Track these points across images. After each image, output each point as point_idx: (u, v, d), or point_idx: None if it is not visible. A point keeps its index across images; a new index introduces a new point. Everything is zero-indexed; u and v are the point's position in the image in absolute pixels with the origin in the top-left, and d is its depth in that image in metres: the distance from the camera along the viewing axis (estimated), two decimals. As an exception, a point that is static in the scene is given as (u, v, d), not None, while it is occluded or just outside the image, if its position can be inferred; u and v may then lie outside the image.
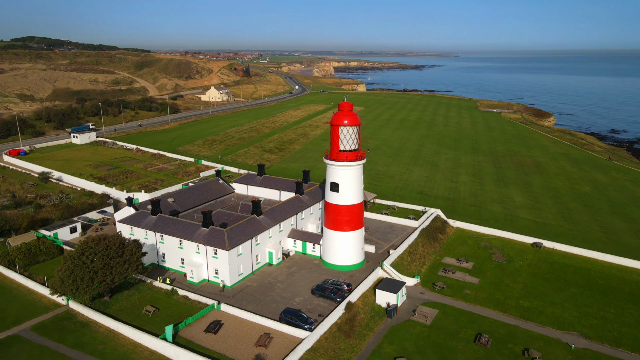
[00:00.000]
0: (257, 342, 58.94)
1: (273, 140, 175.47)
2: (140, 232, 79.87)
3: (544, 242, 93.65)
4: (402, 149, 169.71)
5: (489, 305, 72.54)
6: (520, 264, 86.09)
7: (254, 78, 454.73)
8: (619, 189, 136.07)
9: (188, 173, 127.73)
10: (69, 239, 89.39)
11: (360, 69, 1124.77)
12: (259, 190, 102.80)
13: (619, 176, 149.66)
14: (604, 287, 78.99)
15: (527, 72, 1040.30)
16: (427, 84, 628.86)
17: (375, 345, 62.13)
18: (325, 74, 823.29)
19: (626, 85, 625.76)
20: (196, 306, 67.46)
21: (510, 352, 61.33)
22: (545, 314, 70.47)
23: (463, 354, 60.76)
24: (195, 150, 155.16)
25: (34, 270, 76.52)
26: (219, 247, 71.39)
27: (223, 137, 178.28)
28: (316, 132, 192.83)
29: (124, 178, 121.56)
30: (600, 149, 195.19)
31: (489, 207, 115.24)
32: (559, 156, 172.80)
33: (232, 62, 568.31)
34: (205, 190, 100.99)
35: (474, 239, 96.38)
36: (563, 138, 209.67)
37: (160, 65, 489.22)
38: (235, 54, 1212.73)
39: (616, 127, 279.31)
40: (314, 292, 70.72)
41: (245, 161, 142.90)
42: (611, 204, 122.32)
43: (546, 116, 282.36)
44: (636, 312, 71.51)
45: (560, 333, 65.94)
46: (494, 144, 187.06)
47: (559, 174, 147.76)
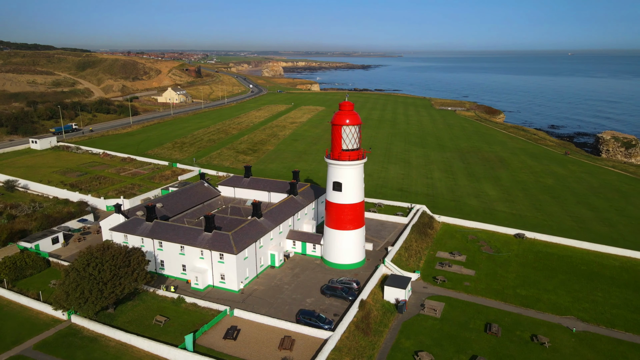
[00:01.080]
0: (281, 345, 58.30)
1: (243, 141, 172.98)
2: (135, 239, 76.60)
3: (525, 233, 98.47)
4: (373, 148, 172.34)
5: (490, 295, 75.45)
6: (508, 255, 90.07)
7: (206, 79, 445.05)
8: (577, 180, 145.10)
9: (165, 177, 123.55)
10: (51, 250, 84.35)
11: (309, 69, 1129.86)
12: (247, 192, 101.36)
13: (575, 169, 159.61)
14: (587, 272, 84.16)
15: (467, 71, 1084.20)
16: (376, 84, 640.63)
17: (393, 341, 63.09)
18: (275, 74, 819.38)
19: (555, 84, 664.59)
20: (207, 313, 65.70)
21: (519, 339, 64.14)
22: (542, 300, 74.20)
23: (477, 343, 62.93)
24: (167, 154, 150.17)
25: (22, 285, 71.53)
26: (225, 252, 69.81)
27: (192, 140, 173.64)
28: (285, 133, 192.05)
29: (97, 184, 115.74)
30: (553, 143, 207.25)
31: (467, 202, 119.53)
32: (518, 151, 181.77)
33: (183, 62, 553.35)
34: (191, 194, 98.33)
35: (461, 232, 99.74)
36: (517, 134, 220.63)
37: (105, 65, 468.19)
38: (180, 54, 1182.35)
39: (554, 123, 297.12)
40: (325, 292, 70.71)
41: (221, 163, 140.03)
42: (574, 194, 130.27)
43: (497, 113, 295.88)
44: (621, 294, 76.72)
45: (559, 318, 69.67)
46: (457, 141, 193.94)
47: (522, 168, 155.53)
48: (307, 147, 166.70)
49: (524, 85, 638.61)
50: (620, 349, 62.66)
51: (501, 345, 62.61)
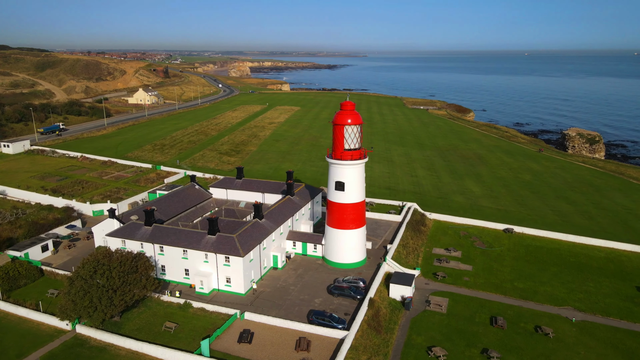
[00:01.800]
0: (297, 346, 58.05)
1: (225, 142, 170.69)
2: (134, 244, 74.46)
3: (514, 228, 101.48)
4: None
5: (489, 289, 77.41)
6: (500, 249, 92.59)
7: (175, 79, 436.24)
8: (552, 176, 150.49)
9: (150, 180, 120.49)
10: (41, 258, 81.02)
11: (275, 69, 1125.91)
12: (240, 194, 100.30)
13: (549, 164, 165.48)
14: (576, 264, 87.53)
15: (431, 71, 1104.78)
16: (344, 83, 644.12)
17: (405, 338, 63.87)
18: (242, 74, 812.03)
19: (514, 83, 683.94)
20: (216, 317, 64.66)
21: (524, 330, 66.11)
22: (539, 292, 76.71)
23: (486, 337, 64.47)
24: (148, 156, 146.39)
25: (17, 296, 68.37)
26: (231, 254, 68.89)
27: (171, 141, 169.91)
28: (265, 133, 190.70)
29: (80, 189, 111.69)
30: (525, 140, 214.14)
31: (453, 199, 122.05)
32: (493, 148, 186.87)
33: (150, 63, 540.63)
34: (183, 196, 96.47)
35: (453, 229, 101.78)
36: (490, 132, 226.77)
37: (66, 66, 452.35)
38: (142, 54, 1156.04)
39: (517, 120, 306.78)
40: (332, 291, 70.79)
41: (205, 165, 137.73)
42: (552, 189, 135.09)
43: (467, 112, 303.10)
44: (610, 284, 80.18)
45: (557, 309, 72.22)
46: (434, 139, 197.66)
47: (500, 165, 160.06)
48: (289, 148, 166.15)
49: (486, 85, 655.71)
50: (618, 336, 65.47)
51: (508, 338, 64.37)
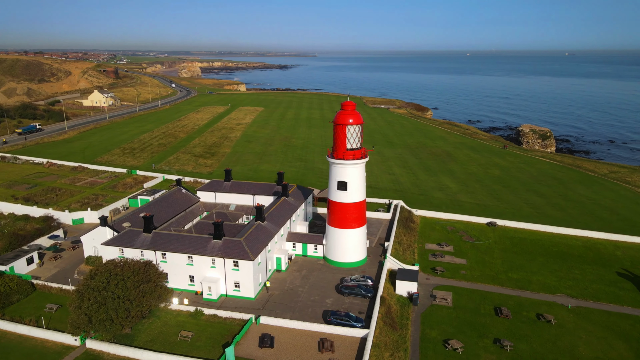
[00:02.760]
0: (322, 347, 57.90)
1: (197, 145, 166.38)
2: (133, 252, 71.47)
3: (497, 221, 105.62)
4: (328, 146, 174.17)
5: (487, 281, 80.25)
6: (488, 242, 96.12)
7: (126, 80, 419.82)
8: (519, 170, 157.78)
9: (127, 185, 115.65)
10: (27, 271, 76.19)
11: (226, 69, 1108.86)
12: (230, 197, 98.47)
13: (514, 160, 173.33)
14: (559, 253, 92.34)
15: (380, 70, 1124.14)
16: (297, 83, 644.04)
17: (420, 333, 65.11)
18: (193, 74, 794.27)
19: (458, 82, 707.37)
20: (231, 323, 63.29)
21: (527, 319, 69.08)
22: (533, 282, 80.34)
23: (494, 327, 66.83)
24: (119, 161, 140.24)
25: (11, 313, 63.89)
26: (240, 258, 67.60)
27: (140, 145, 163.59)
28: (236, 135, 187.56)
29: (54, 197, 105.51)
30: (485, 137, 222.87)
31: (433, 195, 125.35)
32: (459, 145, 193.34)
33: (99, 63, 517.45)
34: (171, 201, 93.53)
35: (440, 224, 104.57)
36: (452, 129, 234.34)
37: (4, 66, 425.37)
38: (84, 54, 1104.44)
39: (469, 118, 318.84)
40: (343, 291, 70.98)
41: (182, 168, 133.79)
42: (521, 183, 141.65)
43: (426, 110, 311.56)
44: (593, 271, 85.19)
45: (552, 296, 75.98)
46: (402, 137, 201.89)
47: (469, 161, 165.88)
48: (263, 149, 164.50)
49: (434, 84, 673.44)
50: (611, 320, 69.70)
51: (515, 327, 67.03)
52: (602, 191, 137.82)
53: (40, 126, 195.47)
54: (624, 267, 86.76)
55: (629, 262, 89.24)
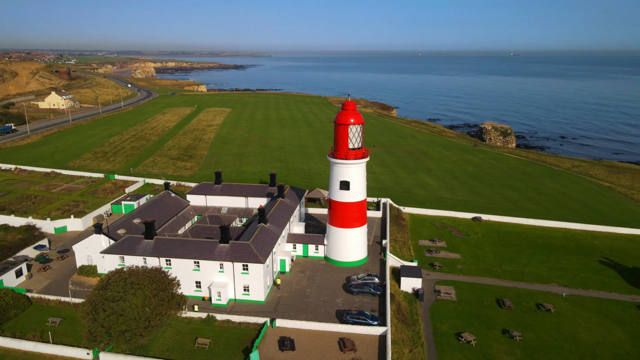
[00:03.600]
0: (344, 347, 57.99)
1: (171, 147, 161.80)
2: (135, 260, 68.98)
3: (481, 216, 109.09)
4: (305, 147, 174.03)
5: (483, 274, 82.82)
6: (477, 237, 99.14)
7: (81, 81, 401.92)
8: (490, 166, 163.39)
9: (107, 190, 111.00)
10: (16, 284, 71.96)
11: (180, 69, 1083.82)
12: (221, 200, 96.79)
13: (484, 156, 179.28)
14: (543, 245, 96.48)
15: (337, 70, 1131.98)
16: (256, 83, 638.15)
17: (431, 328, 66.44)
18: (147, 75, 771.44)
19: (413, 82, 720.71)
20: (246, 328, 62.27)
21: (528, 309, 71.87)
22: (526, 273, 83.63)
23: (500, 318, 69.11)
24: (93, 165, 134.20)
25: (10, 328, 60.14)
26: (250, 262, 66.64)
27: (112, 148, 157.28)
28: (210, 136, 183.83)
29: (30, 204, 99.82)
30: (453, 135, 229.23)
31: (416, 192, 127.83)
32: (430, 143, 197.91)
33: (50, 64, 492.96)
34: (162, 206, 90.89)
35: (428, 221, 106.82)
36: (420, 127, 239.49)
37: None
38: (28, 54, 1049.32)
39: (429, 117, 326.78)
40: (352, 290, 71.26)
41: (162, 171, 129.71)
42: (495, 179, 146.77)
43: (391, 109, 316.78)
44: (578, 260, 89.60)
45: (546, 286, 79.38)
46: (374, 136, 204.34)
47: (443, 159, 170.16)
48: (241, 150, 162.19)
49: (390, 83, 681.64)
50: (603, 306, 73.63)
51: (518, 317, 69.59)
52: (570, 184, 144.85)
53: (15, 126, 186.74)
54: (604, 256, 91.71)
55: (607, 250, 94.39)
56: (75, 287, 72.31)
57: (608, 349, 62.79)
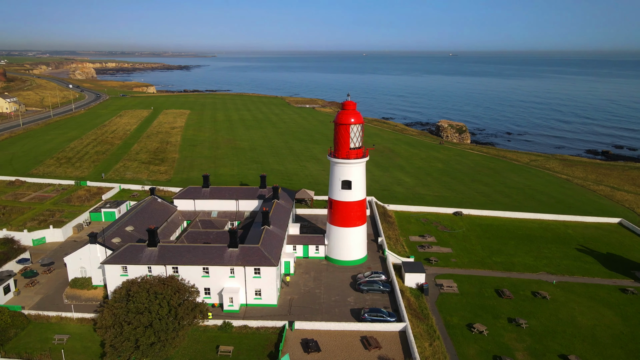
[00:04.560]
0: (368, 345, 58.39)
1: (139, 151, 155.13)
2: (139, 269, 65.93)
3: (462, 211, 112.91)
4: (275, 148, 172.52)
5: (476, 266, 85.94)
6: (462, 231, 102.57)
7: (20, 83, 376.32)
8: (457, 163, 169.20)
9: (82, 198, 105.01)
10: (5, 301, 66.85)
11: (122, 70, 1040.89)
12: (210, 203, 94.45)
13: (448, 153, 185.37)
14: (524, 236, 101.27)
15: (283, 70, 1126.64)
16: (203, 84, 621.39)
17: (442, 320, 68.25)
18: (87, 76, 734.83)
19: (359, 81, 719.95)
20: (265, 332, 61.31)
21: (526, 297, 75.40)
22: (515, 264, 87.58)
23: (502, 307, 72.06)
24: (59, 172, 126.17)
25: (12, 349, 55.83)
26: (262, 265, 65.58)
27: (75, 154, 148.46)
28: (176, 139, 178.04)
29: (0, 216, 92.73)
30: (415, 132, 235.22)
31: (395, 190, 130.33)
32: (395, 141, 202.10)
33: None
34: (151, 212, 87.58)
35: (414, 217, 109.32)
36: (383, 126, 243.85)
37: None
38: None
39: (383, 116, 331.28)
40: (361, 288, 71.74)
41: (136, 176, 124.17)
42: (464, 174, 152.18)
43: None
44: (558, 249, 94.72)
45: (536, 275, 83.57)
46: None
47: (412, 156, 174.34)
48: (212, 153, 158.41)
49: (337, 83, 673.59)
50: (590, 290, 78.49)
51: (519, 306, 72.86)
52: (532, 178, 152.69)
53: None
54: (579, 244, 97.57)
55: (581, 238, 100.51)
56: (71, 301, 68.21)
57: (605, 331, 67.02)
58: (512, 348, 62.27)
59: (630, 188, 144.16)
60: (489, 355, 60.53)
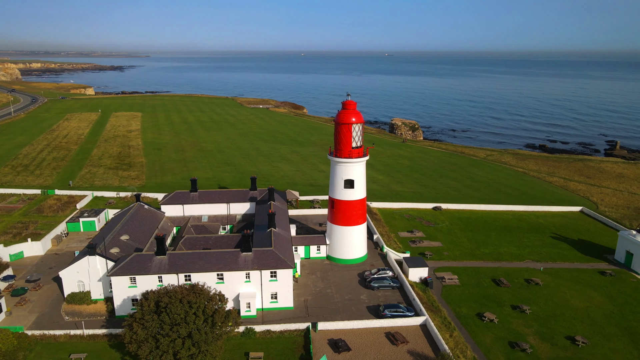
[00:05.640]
0: (396, 341, 59.25)
1: (100, 156, 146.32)
2: (149, 279, 62.97)
3: (441, 205, 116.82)
4: (243, 149, 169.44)
5: (468, 258, 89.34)
6: (446, 225, 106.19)
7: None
8: (422, 159, 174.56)
9: (54, 208, 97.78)
10: (-1, 324, 61.43)
11: (49, 70, 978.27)
12: (200, 208, 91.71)
13: (411, 150, 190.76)
14: (502, 227, 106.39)
15: (223, 71, 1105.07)
16: (141, 85, 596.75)
17: (453, 312, 70.51)
18: (12, 77, 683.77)
19: (296, 81, 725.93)
20: (289, 336, 60.61)
21: (520, 284, 79.35)
22: (502, 253, 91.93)
23: (503, 295, 75.38)
24: (18, 181, 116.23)
25: (23, 374, 51.49)
26: (279, 268, 64.72)
27: (30, 161, 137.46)
28: (137, 142, 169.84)
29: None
30: (374, 131, 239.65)
31: (372, 187, 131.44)
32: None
33: None
34: (141, 219, 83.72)
35: (397, 213, 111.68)
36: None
37: None
38: None
39: (332, 115, 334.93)
40: (372, 285, 72.54)
41: (107, 183, 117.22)
42: (431, 170, 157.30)
43: (302, 108, 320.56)
44: (534, 237, 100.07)
45: (523, 263, 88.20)
46: (304, 136, 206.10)
47: (378, 154, 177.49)
48: (180, 156, 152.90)
49: (279, 84, 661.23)
50: (574, 275, 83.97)
51: (517, 293, 76.60)
52: (493, 172, 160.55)
53: None
54: (552, 232, 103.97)
55: (552, 227, 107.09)
56: (72, 317, 63.89)
57: (597, 311, 72.02)
58: (522, 333, 65.44)
59: (580, 179, 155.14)
60: (504, 342, 63.31)
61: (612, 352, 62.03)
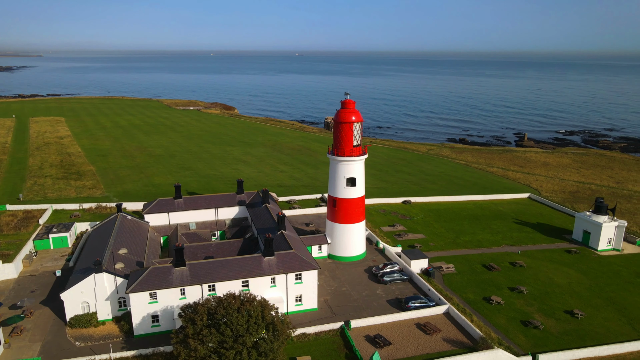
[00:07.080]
0: (429, 331, 61.27)
1: (41, 166, 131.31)
2: (171, 293, 59.26)
3: (410, 199, 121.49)
4: (194, 153, 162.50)
5: (452, 247, 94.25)
6: (421, 217, 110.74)
7: None
8: (372, 155, 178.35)
9: (12, 226, 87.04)
10: None
11: None
12: (187, 215, 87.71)
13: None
14: (470, 216, 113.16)
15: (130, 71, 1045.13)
16: (41, 87, 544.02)
17: (462, 298, 74.17)
18: None
19: (208, 81, 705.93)
20: (325, 336, 60.39)
21: (508, 267, 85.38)
22: (480, 240, 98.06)
23: (497, 279, 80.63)
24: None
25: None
26: (304, 270, 64.05)
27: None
28: (76, 149, 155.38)
29: None
30: (315, 129, 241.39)
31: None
32: (305, 139, 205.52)
33: None
34: (129, 231, 78.44)
35: (373, 209, 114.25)
36: (281, 125, 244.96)
37: None
38: None
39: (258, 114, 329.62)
40: (385, 280, 74.07)
41: (64, 195, 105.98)
42: (386, 166, 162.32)
43: (233, 109, 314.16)
44: (501, 224, 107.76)
45: (501, 248, 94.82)
46: (250, 137, 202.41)
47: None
48: (130, 162, 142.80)
49: (191, 84, 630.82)
50: (547, 254, 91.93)
51: (508, 275, 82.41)
52: (440, 165, 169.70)
53: None
54: (513, 217, 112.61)
55: (512, 213, 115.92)
56: (83, 342, 58.23)
57: (578, 286, 79.62)
58: (528, 312, 70.64)
59: (514, 168, 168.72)
60: (517, 322, 67.95)
61: (606, 321, 69.06)
